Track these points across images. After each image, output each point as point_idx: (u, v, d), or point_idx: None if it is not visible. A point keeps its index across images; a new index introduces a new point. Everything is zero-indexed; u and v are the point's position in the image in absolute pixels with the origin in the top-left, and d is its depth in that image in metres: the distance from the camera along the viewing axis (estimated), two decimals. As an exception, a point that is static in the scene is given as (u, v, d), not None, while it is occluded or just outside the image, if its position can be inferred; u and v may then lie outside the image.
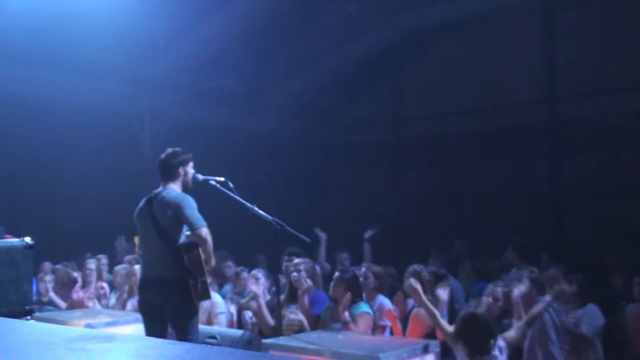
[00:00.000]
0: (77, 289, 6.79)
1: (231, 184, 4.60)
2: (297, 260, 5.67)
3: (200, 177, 4.71)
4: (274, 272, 5.23)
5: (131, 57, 10.83)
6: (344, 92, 14.15)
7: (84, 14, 9.24)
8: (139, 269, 5.03)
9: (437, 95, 13.17)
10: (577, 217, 11.66)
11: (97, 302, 6.73)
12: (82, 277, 7.10)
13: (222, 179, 4.65)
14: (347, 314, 4.85)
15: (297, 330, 5.06)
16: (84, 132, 10.63)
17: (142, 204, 4.68)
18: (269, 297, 5.62)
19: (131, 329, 5.04)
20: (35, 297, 6.60)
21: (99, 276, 7.35)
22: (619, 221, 10.61)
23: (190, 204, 4.48)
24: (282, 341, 4.10)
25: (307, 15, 11.88)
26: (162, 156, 4.73)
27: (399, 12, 12.24)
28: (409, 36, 12.74)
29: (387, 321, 5.25)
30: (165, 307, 4.47)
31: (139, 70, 11.18)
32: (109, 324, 4.99)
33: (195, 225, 4.38)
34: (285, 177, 13.49)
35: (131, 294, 6.38)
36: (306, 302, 5.22)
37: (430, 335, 4.64)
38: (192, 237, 4.49)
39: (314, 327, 5.10)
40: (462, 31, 12.70)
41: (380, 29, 12.67)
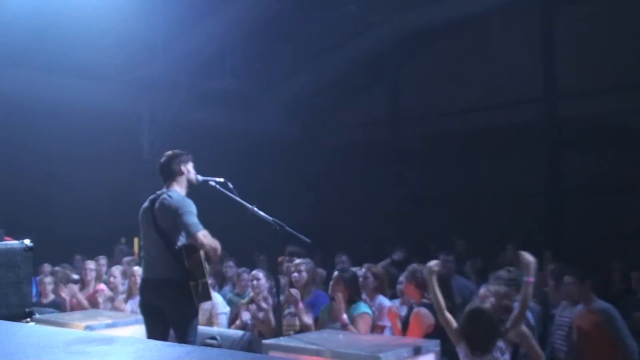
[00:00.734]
0: (76, 290, 6.79)
1: (230, 185, 4.58)
2: (298, 260, 5.67)
3: (199, 178, 4.69)
4: (275, 273, 5.22)
5: (130, 58, 10.85)
6: (343, 91, 14.16)
7: (83, 15, 9.25)
8: (140, 270, 5.03)
9: (437, 94, 13.17)
10: (577, 215, 11.67)
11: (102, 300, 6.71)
12: (81, 279, 7.10)
13: (221, 180, 4.62)
14: (346, 316, 4.84)
15: (297, 330, 5.05)
16: (83, 132, 10.64)
17: (146, 204, 4.67)
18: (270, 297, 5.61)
19: (131, 330, 5.04)
20: (35, 298, 6.61)
21: (98, 277, 7.35)
22: (619, 219, 10.62)
23: (187, 209, 4.43)
24: (282, 342, 4.10)
25: (306, 15, 11.89)
26: (161, 159, 4.72)
27: (398, 11, 12.25)
28: (407, 36, 12.75)
29: (387, 321, 5.25)
30: (165, 308, 4.46)
31: (138, 71, 11.18)
32: (109, 326, 4.98)
33: (191, 231, 4.35)
34: (284, 177, 13.49)
35: (131, 294, 6.39)
36: (302, 306, 5.16)
37: (430, 335, 4.63)
38: (191, 240, 4.48)
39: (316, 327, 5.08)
40: (461, 30, 12.70)
41: (379, 29, 12.68)
